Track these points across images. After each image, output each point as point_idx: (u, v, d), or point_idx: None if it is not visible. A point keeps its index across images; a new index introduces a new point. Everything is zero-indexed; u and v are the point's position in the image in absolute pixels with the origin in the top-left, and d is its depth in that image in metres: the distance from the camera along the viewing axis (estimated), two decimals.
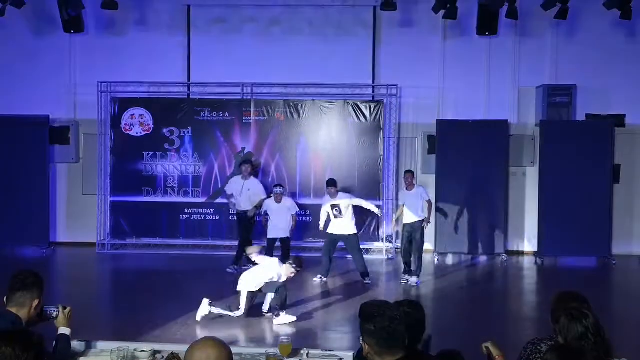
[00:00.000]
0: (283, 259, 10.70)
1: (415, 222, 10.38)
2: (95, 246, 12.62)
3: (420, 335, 3.66)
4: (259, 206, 11.19)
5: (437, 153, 12.40)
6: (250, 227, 11.37)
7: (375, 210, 11.04)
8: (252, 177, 11.42)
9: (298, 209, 11.24)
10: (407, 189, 10.59)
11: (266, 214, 11.06)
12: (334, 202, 10.50)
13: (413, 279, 10.30)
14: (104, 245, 12.70)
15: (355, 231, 10.59)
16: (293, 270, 8.22)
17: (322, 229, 10.68)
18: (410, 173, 10.72)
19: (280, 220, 10.88)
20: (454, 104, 12.85)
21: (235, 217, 11.68)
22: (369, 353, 3.07)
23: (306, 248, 12.34)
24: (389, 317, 3.04)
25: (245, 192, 11.21)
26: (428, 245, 11.34)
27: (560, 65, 12.74)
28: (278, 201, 10.87)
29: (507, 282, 11.22)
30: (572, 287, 4.26)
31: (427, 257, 10.74)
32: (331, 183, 10.64)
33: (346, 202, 10.51)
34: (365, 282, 10.30)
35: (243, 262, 10.67)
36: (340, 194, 10.61)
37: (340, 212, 10.42)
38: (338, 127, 12.58)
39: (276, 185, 11.14)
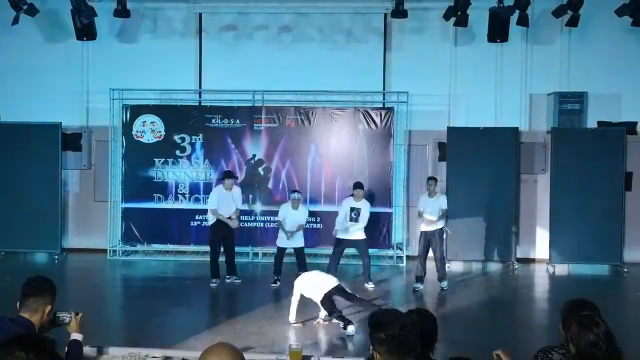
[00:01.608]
0: (299, 270, 10.71)
1: (434, 230, 10.38)
2: (106, 252, 12.67)
3: (432, 343, 3.64)
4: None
5: (448, 160, 12.38)
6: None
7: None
8: (234, 186, 10.95)
9: (308, 218, 11.10)
10: (429, 195, 10.57)
11: (276, 221, 11.02)
12: (356, 205, 10.54)
13: (442, 284, 10.41)
14: (115, 251, 12.75)
15: (365, 237, 10.64)
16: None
17: (339, 227, 10.59)
18: (433, 180, 10.68)
19: (294, 227, 10.69)
20: (464, 111, 12.84)
21: (216, 227, 10.67)
22: None
23: (317, 255, 12.34)
24: (399, 324, 3.02)
25: (232, 203, 10.71)
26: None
27: (571, 72, 12.70)
28: (296, 207, 10.68)
29: (518, 290, 11.16)
30: (583, 295, 4.24)
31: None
32: (359, 186, 10.73)
33: (366, 209, 10.58)
34: (370, 286, 10.40)
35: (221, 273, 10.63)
36: (364, 200, 10.69)
37: (358, 217, 10.45)
38: (348, 134, 12.59)
39: (294, 191, 11.00)
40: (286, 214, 10.74)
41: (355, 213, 10.48)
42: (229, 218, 10.63)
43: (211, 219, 10.72)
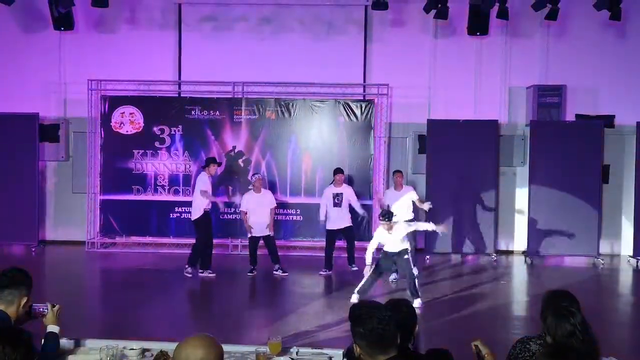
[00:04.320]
0: (272, 260, 10.67)
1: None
2: (84, 244, 12.58)
3: (409, 334, 3.65)
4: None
5: (428, 153, 12.43)
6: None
7: (361, 211, 11.22)
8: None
9: (276, 204, 10.96)
10: (395, 188, 10.61)
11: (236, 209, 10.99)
12: (337, 191, 10.68)
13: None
14: (93, 243, 12.65)
15: (351, 223, 10.87)
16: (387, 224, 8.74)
17: (322, 220, 10.80)
18: (399, 173, 10.75)
19: (261, 215, 10.56)
20: (444, 104, 12.87)
21: (206, 220, 10.53)
22: (361, 354, 3.08)
23: (297, 247, 12.36)
24: (378, 318, 3.04)
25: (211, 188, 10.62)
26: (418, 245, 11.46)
27: (550, 66, 12.79)
28: (258, 190, 10.64)
29: (497, 281, 11.25)
30: (561, 286, 4.28)
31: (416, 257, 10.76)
32: (340, 171, 10.92)
33: (348, 193, 10.80)
34: (352, 268, 10.70)
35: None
36: (345, 185, 10.92)
37: (341, 202, 10.57)
38: (329, 126, 12.58)
39: (255, 174, 11.07)
40: (249, 201, 10.63)
41: (338, 198, 10.63)
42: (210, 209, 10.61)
43: (198, 212, 10.39)
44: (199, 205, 10.43)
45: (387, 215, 8.77)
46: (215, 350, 2.64)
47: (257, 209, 10.61)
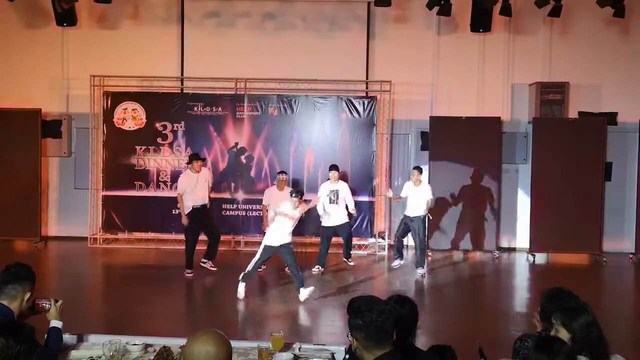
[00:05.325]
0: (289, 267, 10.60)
1: (415, 216, 10.53)
2: (87, 240, 12.59)
3: (410, 330, 3.66)
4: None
5: (430, 149, 12.42)
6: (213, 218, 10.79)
7: (353, 212, 10.95)
8: (204, 168, 10.71)
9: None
10: (414, 183, 10.63)
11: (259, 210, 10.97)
12: (333, 187, 10.64)
13: (419, 270, 10.52)
14: (95, 239, 12.67)
15: (347, 220, 10.80)
16: (297, 201, 8.95)
17: (322, 212, 10.69)
18: (419, 169, 10.78)
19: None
20: (447, 101, 12.86)
21: (192, 216, 10.40)
22: (358, 348, 3.09)
23: (299, 243, 12.33)
24: (377, 311, 3.06)
25: (203, 184, 10.42)
26: None
27: (553, 63, 12.77)
28: (281, 188, 10.57)
29: (498, 278, 11.25)
30: (563, 284, 4.27)
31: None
32: (335, 167, 10.87)
33: (344, 190, 10.73)
34: (350, 263, 10.91)
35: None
36: (340, 181, 10.82)
37: (337, 198, 10.53)
38: (331, 123, 12.57)
39: (280, 172, 10.90)
40: (271, 197, 10.62)
41: (334, 195, 10.58)
42: (204, 206, 10.42)
43: (187, 208, 10.40)
44: (186, 202, 10.42)
45: (300, 193, 9.22)
46: (225, 346, 2.65)
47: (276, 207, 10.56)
